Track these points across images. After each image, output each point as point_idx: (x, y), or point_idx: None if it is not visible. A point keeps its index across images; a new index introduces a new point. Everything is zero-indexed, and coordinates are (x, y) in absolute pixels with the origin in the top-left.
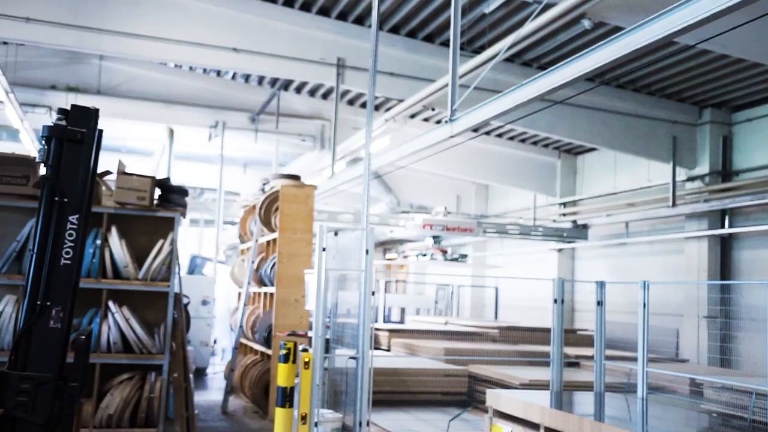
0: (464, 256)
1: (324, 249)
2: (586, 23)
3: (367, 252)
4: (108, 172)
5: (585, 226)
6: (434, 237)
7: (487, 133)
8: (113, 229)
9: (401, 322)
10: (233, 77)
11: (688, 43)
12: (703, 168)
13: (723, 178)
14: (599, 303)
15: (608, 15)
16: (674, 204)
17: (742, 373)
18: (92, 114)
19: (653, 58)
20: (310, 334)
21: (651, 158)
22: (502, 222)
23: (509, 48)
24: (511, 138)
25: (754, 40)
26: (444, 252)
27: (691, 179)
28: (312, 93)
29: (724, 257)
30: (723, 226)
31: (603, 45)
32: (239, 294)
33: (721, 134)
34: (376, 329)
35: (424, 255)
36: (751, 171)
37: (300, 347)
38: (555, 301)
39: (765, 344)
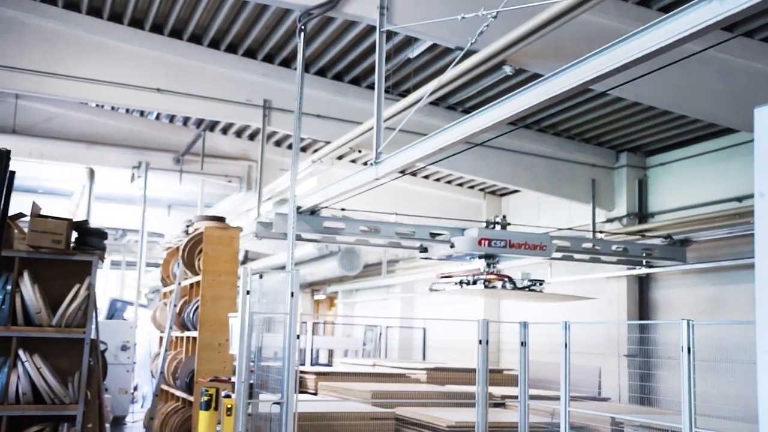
0: (540, 281)
1: (248, 292)
2: (508, 69)
3: (292, 294)
4: (21, 215)
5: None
6: (487, 258)
7: (414, 174)
8: (25, 274)
9: (329, 364)
10: (157, 117)
11: (600, 90)
12: (621, 210)
13: (639, 220)
14: (523, 343)
15: (527, 62)
16: (594, 245)
17: (661, 411)
18: (2, 155)
19: (572, 103)
20: (233, 379)
21: (572, 200)
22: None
23: (433, 92)
24: (438, 179)
25: (661, 88)
26: (507, 279)
27: (610, 220)
28: (238, 134)
29: (642, 296)
30: (641, 266)
31: (522, 91)
32: (161, 338)
33: (637, 177)
34: (303, 373)
35: (471, 283)
36: (664, 213)
37: (222, 393)
38: (480, 342)
39: (680, 382)
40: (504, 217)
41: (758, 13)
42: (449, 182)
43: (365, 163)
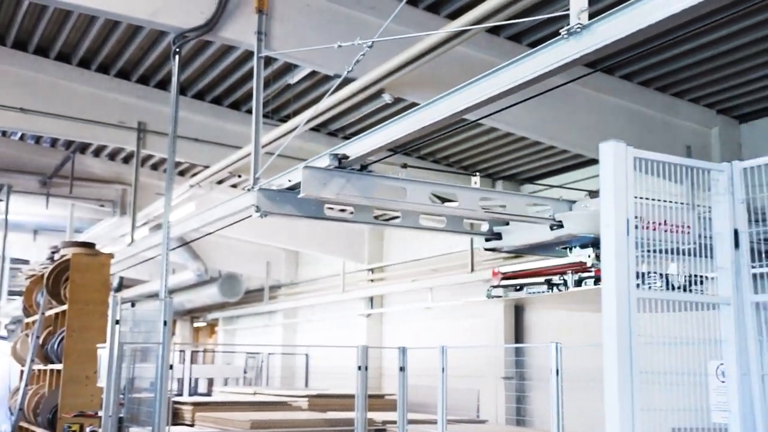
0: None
1: (117, 321)
2: (387, 97)
3: (165, 323)
4: None
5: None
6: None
7: None
8: None
9: (208, 393)
10: (21, 138)
11: (473, 120)
12: None
13: None
14: (401, 368)
15: (405, 91)
16: (473, 270)
17: (534, 431)
18: None
19: (449, 132)
20: (101, 413)
21: None
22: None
23: (313, 118)
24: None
25: (532, 119)
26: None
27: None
28: (112, 157)
29: (518, 320)
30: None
31: (398, 119)
32: (21, 372)
33: None
34: (178, 403)
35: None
36: None
37: (88, 429)
38: (359, 368)
39: (551, 402)
40: None
41: (617, 51)
42: (331, 208)
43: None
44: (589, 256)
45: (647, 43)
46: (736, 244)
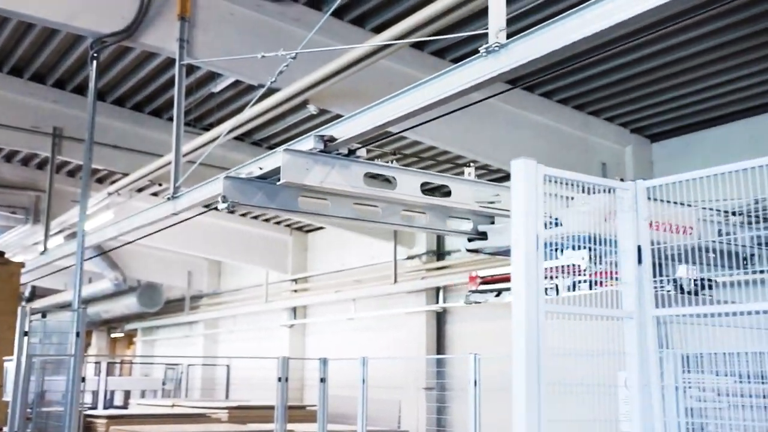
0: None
1: (26, 333)
2: (312, 108)
3: (77, 334)
4: None
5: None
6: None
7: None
8: None
9: (124, 406)
10: None
11: (396, 132)
12: (421, 248)
13: (438, 258)
14: (322, 380)
15: (329, 103)
16: (396, 281)
17: None
18: None
19: (373, 144)
20: (6, 429)
21: (375, 237)
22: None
23: (237, 127)
24: (244, 215)
25: (455, 133)
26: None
27: (410, 258)
28: (25, 162)
29: (439, 331)
30: (438, 302)
31: (324, 129)
32: None
33: None
34: (92, 417)
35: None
36: (460, 252)
37: None
38: (279, 379)
39: (469, 412)
40: None
41: (537, 70)
42: (255, 217)
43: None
44: (583, 258)
45: (565, 62)
46: (639, 260)
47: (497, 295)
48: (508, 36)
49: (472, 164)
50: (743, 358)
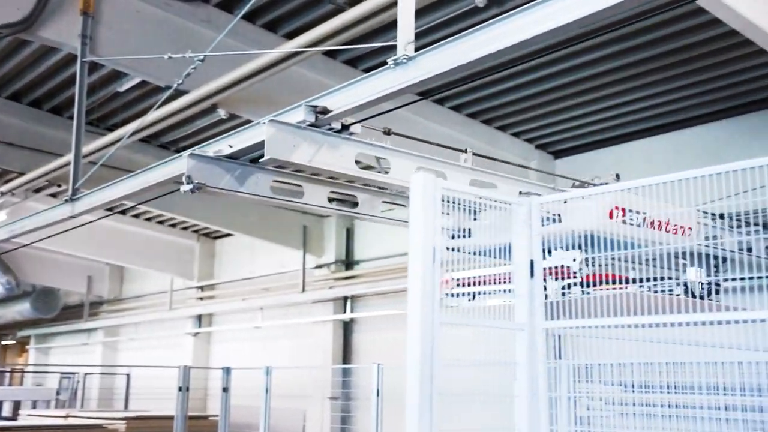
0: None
1: None
2: (222, 113)
3: None
4: None
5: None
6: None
7: (123, 212)
8: None
9: (13, 417)
10: None
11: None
12: (330, 257)
13: (346, 267)
14: (224, 389)
15: (239, 107)
16: (304, 290)
17: None
18: None
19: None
20: None
21: (284, 245)
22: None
23: (142, 129)
24: (149, 219)
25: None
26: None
27: (319, 267)
28: None
29: (346, 340)
30: (345, 312)
31: (231, 135)
32: None
33: (345, 226)
34: None
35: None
36: (368, 261)
37: None
38: (180, 389)
39: (372, 422)
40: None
41: (447, 83)
42: (161, 222)
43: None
44: (574, 260)
45: (473, 77)
46: (532, 274)
47: (472, 299)
48: (419, 49)
49: (468, 150)
50: (629, 368)
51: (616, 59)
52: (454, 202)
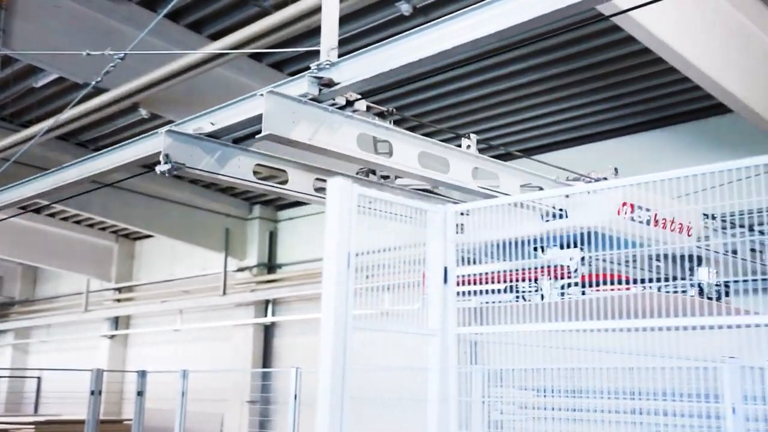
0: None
1: None
2: (143, 112)
3: None
4: None
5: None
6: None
7: (36, 211)
8: None
9: None
10: None
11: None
12: (252, 260)
13: (269, 270)
14: (139, 393)
15: (162, 108)
16: (225, 293)
17: None
18: None
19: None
20: None
21: (206, 248)
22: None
23: (58, 126)
24: (65, 219)
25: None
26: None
27: (241, 270)
28: None
29: (267, 344)
30: (267, 315)
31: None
32: None
33: (268, 229)
34: None
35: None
36: (291, 265)
37: None
38: (92, 392)
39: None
40: None
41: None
42: (78, 222)
43: None
44: (571, 259)
45: (396, 84)
46: (445, 280)
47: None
48: (343, 55)
49: (472, 135)
50: (541, 374)
51: (535, 72)
52: (370, 208)
